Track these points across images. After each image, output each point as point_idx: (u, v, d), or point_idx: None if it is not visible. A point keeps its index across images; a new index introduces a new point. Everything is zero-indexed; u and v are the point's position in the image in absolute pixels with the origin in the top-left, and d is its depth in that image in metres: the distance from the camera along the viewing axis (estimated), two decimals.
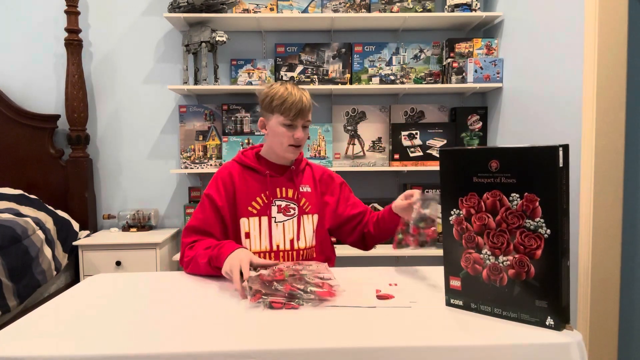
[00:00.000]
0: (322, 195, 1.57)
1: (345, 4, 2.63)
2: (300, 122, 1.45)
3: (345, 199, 1.59)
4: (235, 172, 1.51)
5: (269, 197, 1.48)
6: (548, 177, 0.90)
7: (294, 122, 1.44)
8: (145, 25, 2.75)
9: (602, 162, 1.69)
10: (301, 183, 1.54)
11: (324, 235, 1.55)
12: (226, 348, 0.87)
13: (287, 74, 2.67)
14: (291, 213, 1.49)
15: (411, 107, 2.75)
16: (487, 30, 2.70)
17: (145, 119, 2.79)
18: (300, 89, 1.48)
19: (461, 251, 1.04)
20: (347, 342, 0.89)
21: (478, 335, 0.92)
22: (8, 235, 2.00)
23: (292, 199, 1.50)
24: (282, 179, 1.51)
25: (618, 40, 1.68)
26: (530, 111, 2.20)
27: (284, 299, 1.07)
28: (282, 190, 1.50)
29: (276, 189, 1.50)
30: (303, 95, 1.45)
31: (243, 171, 1.51)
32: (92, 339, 0.91)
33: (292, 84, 1.49)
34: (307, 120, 1.47)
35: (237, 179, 1.49)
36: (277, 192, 1.50)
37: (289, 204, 1.50)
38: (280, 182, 1.51)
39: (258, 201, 1.48)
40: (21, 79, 2.73)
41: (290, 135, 1.45)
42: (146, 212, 2.70)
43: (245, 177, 1.50)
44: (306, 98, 1.46)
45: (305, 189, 1.54)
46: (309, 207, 1.52)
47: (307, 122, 1.49)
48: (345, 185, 1.63)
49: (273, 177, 1.50)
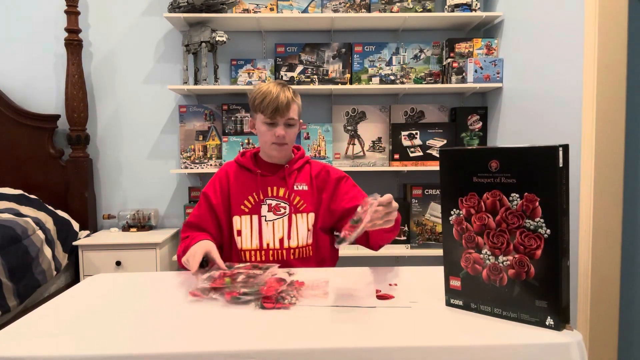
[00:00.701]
0: (319, 192, 1.57)
1: (345, 4, 2.63)
2: (280, 120, 1.47)
3: (342, 193, 1.54)
4: (232, 171, 1.56)
5: (260, 196, 1.51)
6: (548, 177, 0.90)
7: (273, 120, 1.46)
8: (145, 25, 2.75)
9: (602, 162, 1.69)
10: (296, 181, 1.54)
11: (321, 233, 1.55)
12: (226, 348, 0.87)
13: (287, 74, 2.67)
14: (281, 212, 1.51)
15: (411, 107, 2.75)
16: (487, 30, 2.70)
17: (145, 119, 2.79)
18: (284, 87, 1.48)
19: (461, 251, 1.04)
20: (347, 342, 0.89)
21: (478, 335, 0.92)
22: (8, 235, 2.00)
23: (282, 198, 1.52)
24: (273, 178, 1.54)
25: (618, 40, 1.68)
26: (530, 111, 2.20)
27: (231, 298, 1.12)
28: (273, 189, 1.53)
29: (267, 188, 1.52)
30: (282, 93, 1.45)
31: (239, 171, 1.56)
32: (92, 339, 0.91)
33: (277, 82, 1.50)
34: (289, 118, 1.47)
35: (232, 178, 1.54)
36: (269, 191, 1.52)
37: (279, 202, 1.52)
38: (272, 181, 1.53)
39: (250, 200, 1.52)
40: (21, 79, 2.73)
41: (272, 134, 1.48)
42: (146, 212, 2.70)
43: (239, 177, 1.54)
44: (285, 96, 1.45)
45: (300, 187, 1.54)
46: (304, 206, 1.52)
47: (291, 121, 1.48)
48: (344, 180, 1.58)
49: (264, 176, 1.53)
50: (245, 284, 1.15)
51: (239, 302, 1.09)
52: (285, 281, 1.21)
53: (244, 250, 1.49)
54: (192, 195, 2.76)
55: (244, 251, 1.49)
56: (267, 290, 1.13)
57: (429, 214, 2.64)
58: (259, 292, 1.12)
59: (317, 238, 1.54)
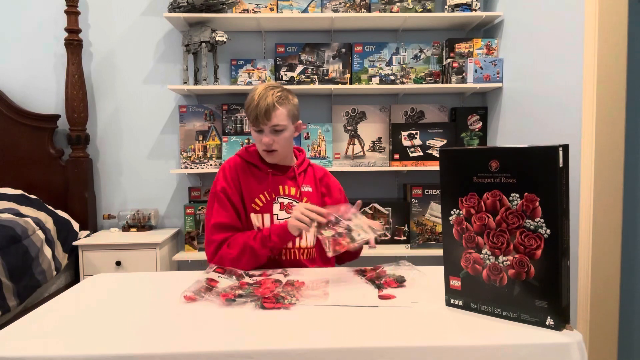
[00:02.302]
0: (322, 195, 1.59)
1: (345, 4, 2.63)
2: (265, 128, 1.44)
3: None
4: (240, 167, 1.52)
5: (272, 195, 1.50)
6: (548, 177, 0.90)
7: (258, 128, 1.45)
8: (145, 25, 2.75)
9: (602, 162, 1.69)
10: (303, 182, 1.55)
11: None
12: (226, 348, 0.87)
13: (287, 74, 2.67)
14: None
15: (411, 107, 2.75)
16: (487, 30, 2.70)
17: (145, 119, 2.78)
18: (269, 91, 1.43)
19: (461, 251, 1.04)
20: (347, 342, 0.89)
21: (478, 335, 0.92)
22: (8, 235, 2.00)
23: (295, 197, 1.51)
24: (284, 177, 1.53)
25: (618, 40, 1.67)
26: (530, 111, 2.20)
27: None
28: (284, 187, 1.51)
29: (278, 186, 1.51)
30: (263, 99, 1.41)
31: (246, 167, 1.53)
32: (92, 339, 0.91)
33: (266, 86, 1.46)
34: (273, 124, 1.43)
35: (241, 174, 1.51)
36: (280, 189, 1.51)
37: (291, 201, 1.51)
38: (283, 180, 1.52)
39: (261, 198, 1.49)
40: (21, 79, 2.73)
41: (259, 140, 1.47)
42: (146, 212, 2.70)
43: (248, 173, 1.51)
44: (266, 102, 1.41)
45: (306, 189, 1.54)
46: None
47: (277, 127, 1.44)
48: (342, 193, 1.65)
49: (275, 174, 1.51)
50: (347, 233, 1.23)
51: (235, 304, 1.09)
52: (281, 282, 1.22)
53: None
54: (192, 195, 2.76)
55: None
56: (263, 292, 1.13)
57: (429, 214, 2.64)
58: (254, 293, 1.12)
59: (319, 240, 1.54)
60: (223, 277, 1.23)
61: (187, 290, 1.15)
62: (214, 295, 1.13)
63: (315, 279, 1.26)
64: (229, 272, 1.28)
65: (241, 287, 1.17)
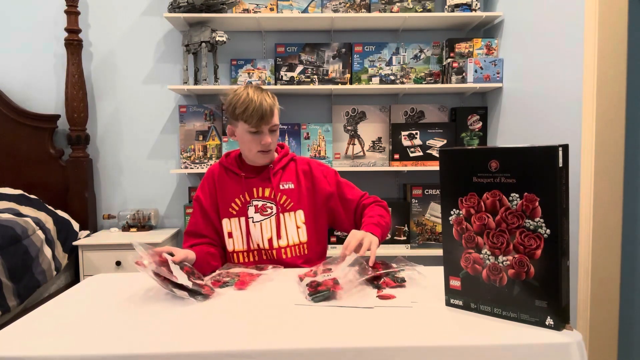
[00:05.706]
0: (306, 189, 1.55)
1: (345, 4, 2.63)
2: (265, 128, 1.45)
3: (339, 193, 1.62)
4: (217, 173, 1.55)
5: (246, 198, 1.51)
6: (548, 177, 0.90)
7: (258, 129, 1.44)
8: (145, 25, 2.75)
9: (602, 162, 1.69)
10: (282, 180, 1.54)
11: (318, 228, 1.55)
12: (226, 348, 0.87)
13: (287, 74, 2.67)
14: (268, 212, 1.51)
15: (411, 107, 2.75)
16: (487, 30, 2.70)
17: (145, 119, 2.79)
18: (262, 92, 1.45)
19: (461, 251, 1.04)
20: (347, 342, 0.89)
21: (478, 335, 0.92)
22: (8, 235, 2.00)
23: (268, 198, 1.51)
24: (258, 179, 1.53)
25: (618, 40, 1.67)
26: (530, 111, 2.20)
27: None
28: (258, 190, 1.52)
29: (252, 189, 1.52)
30: (264, 100, 1.43)
31: (224, 173, 1.55)
32: (92, 339, 0.91)
33: (254, 87, 1.47)
34: (272, 125, 1.46)
35: (218, 180, 1.54)
36: (254, 192, 1.52)
37: (265, 203, 1.51)
38: (257, 182, 1.53)
39: (237, 202, 1.51)
40: (21, 79, 2.73)
41: (257, 142, 1.46)
42: (146, 212, 2.70)
43: (225, 179, 1.53)
44: (267, 103, 1.43)
45: (286, 186, 1.53)
46: (291, 205, 1.52)
47: (275, 127, 1.48)
48: (331, 177, 1.61)
49: (248, 178, 1.52)
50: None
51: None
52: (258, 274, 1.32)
53: (236, 252, 1.50)
54: (192, 195, 2.76)
55: (236, 253, 1.50)
56: (240, 284, 1.25)
57: (429, 214, 2.64)
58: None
59: (314, 234, 1.53)
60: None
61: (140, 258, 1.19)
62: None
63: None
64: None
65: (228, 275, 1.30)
